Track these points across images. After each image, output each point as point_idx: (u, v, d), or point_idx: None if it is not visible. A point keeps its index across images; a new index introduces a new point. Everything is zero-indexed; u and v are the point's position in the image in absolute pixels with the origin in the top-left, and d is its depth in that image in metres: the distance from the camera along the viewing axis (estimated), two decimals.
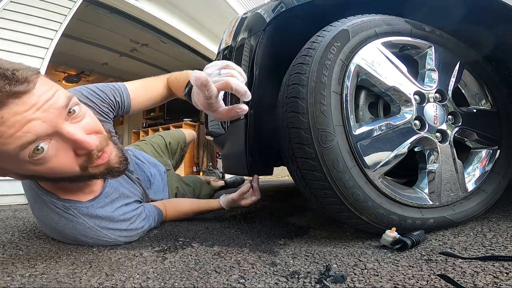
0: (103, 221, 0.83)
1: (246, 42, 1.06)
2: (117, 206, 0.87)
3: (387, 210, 0.76)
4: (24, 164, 0.59)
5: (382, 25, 0.86)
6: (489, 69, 0.99)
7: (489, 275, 0.54)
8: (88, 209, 0.81)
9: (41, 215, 0.81)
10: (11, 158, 0.57)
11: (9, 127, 0.52)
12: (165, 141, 1.65)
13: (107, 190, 0.87)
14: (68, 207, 0.79)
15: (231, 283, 0.58)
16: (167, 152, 1.64)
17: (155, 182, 1.24)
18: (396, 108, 0.85)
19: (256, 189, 1.10)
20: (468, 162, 0.96)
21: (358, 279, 0.56)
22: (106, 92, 0.94)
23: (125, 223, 0.86)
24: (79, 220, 0.80)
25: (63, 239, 0.88)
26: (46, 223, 0.83)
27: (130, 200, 0.93)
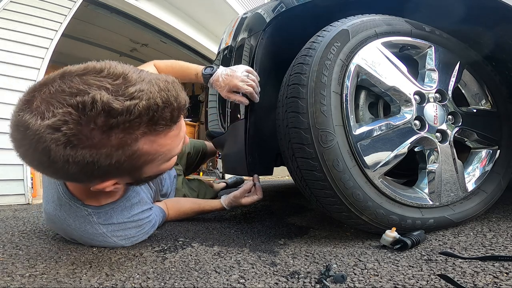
0: (116, 226, 0.81)
1: (246, 42, 1.06)
2: (134, 212, 0.85)
3: (387, 210, 0.76)
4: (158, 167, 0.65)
5: (382, 25, 0.86)
6: (489, 69, 0.99)
7: (489, 275, 0.54)
8: (106, 213, 0.79)
9: (54, 214, 0.80)
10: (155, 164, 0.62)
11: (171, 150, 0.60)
12: (185, 150, 1.60)
13: (130, 193, 0.85)
14: (90, 213, 0.78)
15: (231, 283, 0.58)
16: (184, 160, 1.60)
17: (165, 186, 1.24)
18: (396, 108, 0.85)
19: (259, 187, 1.10)
20: (468, 162, 0.96)
21: (358, 279, 0.56)
22: None
23: (135, 230, 0.85)
24: (94, 225, 0.79)
25: (66, 237, 0.88)
26: (55, 221, 0.81)
27: (147, 206, 0.90)
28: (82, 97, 0.44)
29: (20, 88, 2.21)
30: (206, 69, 0.99)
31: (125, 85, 0.47)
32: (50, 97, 0.45)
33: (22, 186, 2.16)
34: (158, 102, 0.49)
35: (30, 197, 2.16)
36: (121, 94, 0.46)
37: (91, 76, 0.47)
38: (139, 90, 0.47)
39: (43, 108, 0.45)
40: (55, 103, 0.45)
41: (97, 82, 0.46)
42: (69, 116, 0.45)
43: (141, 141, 0.52)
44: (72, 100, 0.44)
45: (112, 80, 0.47)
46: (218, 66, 1.00)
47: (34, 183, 2.43)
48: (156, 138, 0.55)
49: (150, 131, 0.52)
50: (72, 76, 0.47)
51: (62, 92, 0.45)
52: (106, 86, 0.46)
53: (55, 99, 0.45)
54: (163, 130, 0.54)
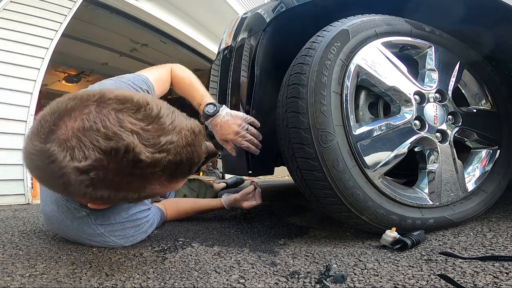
0: (115, 227, 0.81)
1: (246, 42, 1.06)
2: (132, 212, 0.85)
3: (387, 210, 0.76)
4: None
5: (382, 25, 0.86)
6: (489, 69, 0.99)
7: (489, 275, 0.54)
8: (104, 214, 0.79)
9: (53, 216, 0.80)
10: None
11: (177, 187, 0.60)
12: None
13: None
14: (88, 214, 0.78)
15: (231, 283, 0.58)
16: None
17: None
18: (396, 108, 0.85)
19: (258, 193, 1.13)
20: (468, 162, 0.96)
21: (358, 279, 0.56)
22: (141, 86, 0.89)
23: (133, 229, 0.85)
24: (92, 226, 0.79)
25: (65, 237, 0.88)
26: (53, 222, 0.82)
27: (145, 207, 0.90)
28: (117, 143, 0.44)
29: (20, 88, 2.21)
30: (209, 107, 0.95)
31: (157, 133, 0.47)
32: (83, 133, 0.43)
33: (22, 186, 2.16)
34: (183, 158, 0.50)
35: (30, 197, 2.16)
36: (152, 144, 0.46)
37: (128, 115, 0.46)
38: (169, 142, 0.47)
39: (73, 144, 0.43)
40: (88, 143, 0.43)
41: (131, 126, 0.45)
42: (100, 162, 0.44)
43: (156, 185, 0.54)
44: (105, 145, 0.43)
45: (147, 124, 0.47)
46: (221, 105, 0.96)
47: (34, 183, 2.43)
48: (170, 184, 0.57)
49: (167, 180, 0.54)
50: (109, 108, 0.46)
51: (96, 132, 0.43)
52: (140, 132, 0.45)
53: (88, 138, 0.43)
54: (178, 180, 0.58)
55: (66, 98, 0.49)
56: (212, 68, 1.32)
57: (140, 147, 0.45)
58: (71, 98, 0.48)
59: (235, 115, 0.95)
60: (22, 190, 2.16)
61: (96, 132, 0.43)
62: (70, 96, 0.49)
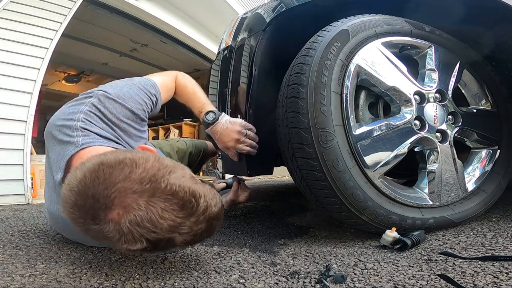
0: None
1: (246, 42, 1.06)
2: None
3: (387, 210, 0.76)
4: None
5: (382, 25, 0.86)
6: (489, 69, 0.99)
7: (489, 275, 0.54)
8: None
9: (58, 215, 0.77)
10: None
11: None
12: (187, 149, 1.60)
13: None
14: None
15: (231, 283, 0.58)
16: (185, 160, 1.59)
17: None
18: (396, 108, 0.85)
19: (243, 185, 1.18)
20: (468, 162, 0.96)
21: (358, 279, 0.56)
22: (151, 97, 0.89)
23: None
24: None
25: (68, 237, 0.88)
26: (58, 221, 0.80)
27: None
28: (160, 236, 0.51)
29: (20, 88, 2.21)
30: (209, 115, 0.96)
31: (193, 225, 0.54)
32: (134, 226, 0.49)
33: (22, 186, 2.16)
34: (203, 238, 0.60)
35: (30, 197, 2.16)
36: (186, 233, 0.53)
37: (172, 214, 0.51)
38: (199, 229, 0.55)
39: (125, 231, 0.50)
40: (137, 234, 0.50)
41: (174, 224, 0.51)
42: (146, 247, 0.52)
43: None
44: (152, 236, 0.50)
45: (187, 219, 0.53)
46: (221, 113, 0.97)
47: (34, 183, 2.43)
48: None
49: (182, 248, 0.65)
50: (158, 206, 0.51)
51: (145, 228, 0.50)
52: (180, 227, 0.52)
53: (138, 231, 0.50)
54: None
55: (117, 173, 0.51)
56: (212, 68, 1.32)
57: (177, 236, 0.53)
58: (123, 178, 0.51)
59: (234, 122, 0.96)
60: (22, 190, 2.16)
61: (145, 228, 0.50)
62: (123, 171, 0.52)
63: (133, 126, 0.81)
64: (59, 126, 0.73)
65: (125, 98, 0.79)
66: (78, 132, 0.71)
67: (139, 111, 0.82)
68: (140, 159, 0.54)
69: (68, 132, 0.71)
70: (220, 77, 1.21)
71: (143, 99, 0.84)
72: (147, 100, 0.85)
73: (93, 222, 0.50)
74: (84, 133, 0.71)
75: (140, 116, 0.83)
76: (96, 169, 0.51)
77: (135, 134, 0.82)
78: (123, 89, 0.81)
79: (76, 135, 0.70)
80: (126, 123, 0.79)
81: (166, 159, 0.58)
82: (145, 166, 0.53)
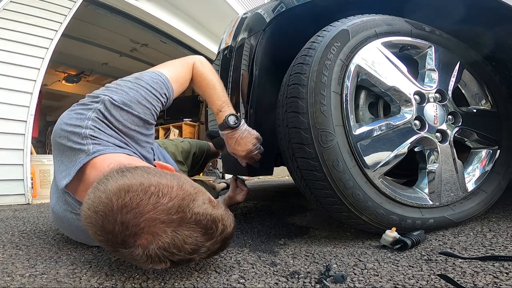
0: None
1: (246, 42, 1.06)
2: None
3: (387, 210, 0.76)
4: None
5: (382, 25, 0.86)
6: (489, 69, 0.99)
7: (489, 275, 0.54)
8: None
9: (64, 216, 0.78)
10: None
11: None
12: (191, 150, 1.59)
13: None
14: None
15: (231, 283, 0.58)
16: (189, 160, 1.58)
17: None
18: (396, 108, 0.85)
19: (241, 182, 1.18)
20: (468, 162, 0.96)
21: (358, 279, 0.56)
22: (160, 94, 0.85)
23: None
24: None
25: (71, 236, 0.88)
26: (63, 221, 0.80)
27: None
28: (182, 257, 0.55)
29: (20, 88, 2.21)
30: (230, 118, 0.92)
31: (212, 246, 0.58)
32: (161, 251, 0.53)
33: (22, 186, 2.16)
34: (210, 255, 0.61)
35: (30, 197, 2.16)
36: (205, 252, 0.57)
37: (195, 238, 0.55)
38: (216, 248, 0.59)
39: (152, 255, 0.53)
40: (163, 257, 0.54)
41: (196, 247, 0.56)
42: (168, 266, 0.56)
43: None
44: (175, 258, 0.54)
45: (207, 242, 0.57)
46: (241, 119, 0.94)
47: (34, 183, 2.43)
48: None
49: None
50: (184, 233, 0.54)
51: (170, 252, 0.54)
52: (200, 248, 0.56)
53: (163, 256, 0.53)
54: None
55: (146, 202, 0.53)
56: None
57: (196, 257, 0.57)
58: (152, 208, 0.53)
59: (251, 133, 0.95)
60: (22, 190, 2.16)
61: (171, 253, 0.54)
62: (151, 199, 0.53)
63: (141, 132, 0.80)
64: (67, 132, 0.72)
65: (132, 104, 0.77)
66: (88, 140, 0.70)
67: (147, 116, 0.80)
68: (165, 187, 0.55)
69: (77, 139, 0.71)
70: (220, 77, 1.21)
71: (151, 102, 0.81)
72: (155, 102, 0.82)
73: (123, 247, 0.53)
74: (94, 141, 0.71)
75: (149, 121, 0.81)
76: (122, 196, 0.53)
77: (142, 139, 0.81)
78: (130, 94, 0.78)
79: (86, 143, 0.70)
80: (133, 130, 0.78)
81: (187, 184, 0.59)
82: (170, 195, 0.55)
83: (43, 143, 6.22)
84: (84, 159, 0.69)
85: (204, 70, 0.96)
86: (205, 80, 0.95)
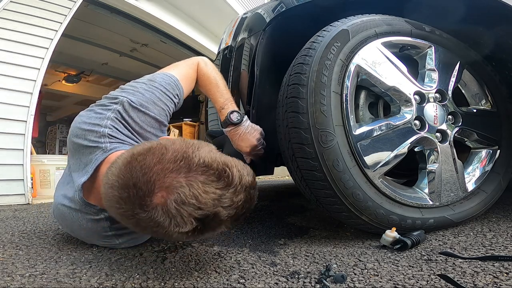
0: (126, 230, 0.81)
1: (246, 42, 1.06)
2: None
3: (387, 210, 0.76)
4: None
5: (382, 25, 0.86)
6: (489, 69, 0.99)
7: (489, 275, 0.54)
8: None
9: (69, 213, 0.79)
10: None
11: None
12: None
13: None
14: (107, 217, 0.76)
15: (231, 283, 0.58)
16: None
17: None
18: (396, 108, 0.85)
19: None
20: (468, 162, 0.96)
21: (358, 279, 0.56)
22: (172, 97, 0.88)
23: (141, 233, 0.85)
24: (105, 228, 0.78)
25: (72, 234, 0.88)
26: (67, 218, 0.80)
27: None
28: (206, 212, 0.53)
29: (20, 88, 2.21)
30: (233, 114, 0.93)
31: (232, 196, 0.56)
32: (180, 205, 0.51)
33: (22, 186, 2.16)
34: (246, 211, 0.61)
35: (30, 197, 2.16)
36: (229, 206, 0.55)
37: (211, 186, 0.54)
38: (239, 200, 0.57)
39: (174, 213, 0.51)
40: (185, 213, 0.52)
41: (215, 196, 0.54)
42: (196, 226, 0.54)
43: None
44: (199, 214, 0.53)
45: (226, 191, 0.55)
46: (244, 116, 0.95)
47: (34, 183, 2.43)
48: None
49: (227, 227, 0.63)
50: (197, 181, 0.53)
51: (191, 205, 0.52)
52: (221, 199, 0.54)
53: (185, 210, 0.52)
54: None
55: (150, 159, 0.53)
56: None
57: (221, 210, 0.54)
58: (157, 161, 0.53)
59: (255, 128, 0.95)
60: (22, 190, 2.16)
61: (191, 205, 0.52)
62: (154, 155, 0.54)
63: (155, 134, 0.82)
64: (85, 131, 0.74)
65: (149, 105, 0.80)
66: (106, 138, 0.73)
67: (162, 117, 0.83)
68: (167, 142, 0.57)
69: (94, 138, 0.73)
70: None
71: (166, 104, 0.84)
72: (169, 103, 0.85)
73: (141, 211, 0.52)
74: (112, 140, 0.73)
75: (163, 122, 0.84)
76: (129, 161, 0.54)
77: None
78: (146, 95, 0.81)
79: (103, 141, 0.72)
80: (148, 132, 0.80)
81: (190, 140, 0.60)
82: (173, 147, 0.55)
83: (43, 143, 6.22)
84: (101, 156, 0.71)
85: (208, 70, 0.98)
86: (208, 79, 0.97)
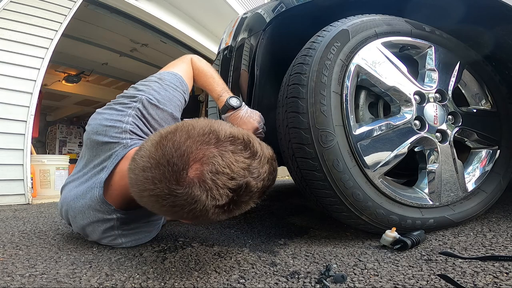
0: (131, 231, 0.82)
1: (246, 42, 1.06)
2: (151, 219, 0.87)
3: (387, 210, 0.76)
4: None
5: (382, 25, 0.86)
6: (489, 69, 0.99)
7: (489, 275, 0.54)
8: (128, 218, 0.80)
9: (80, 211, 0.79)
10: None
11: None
12: None
13: None
14: (118, 218, 0.78)
15: (231, 283, 0.58)
16: None
17: None
18: (396, 108, 0.85)
19: None
20: (468, 162, 0.96)
21: (358, 279, 0.56)
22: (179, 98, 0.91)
23: (144, 234, 0.86)
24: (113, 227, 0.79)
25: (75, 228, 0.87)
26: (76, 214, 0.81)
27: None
28: (238, 182, 0.55)
29: (20, 88, 2.21)
30: (232, 99, 0.94)
31: (258, 166, 0.59)
32: (215, 176, 0.53)
33: (22, 186, 2.16)
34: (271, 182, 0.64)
35: (30, 197, 2.16)
36: (257, 176, 0.58)
37: (240, 155, 0.57)
38: (265, 171, 0.60)
39: (210, 185, 0.53)
40: (220, 184, 0.54)
41: (244, 165, 0.56)
42: (231, 198, 0.56)
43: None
44: (232, 184, 0.55)
45: (252, 160, 0.58)
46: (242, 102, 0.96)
47: (34, 183, 2.43)
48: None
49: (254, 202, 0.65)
50: (228, 150, 0.56)
51: (225, 174, 0.54)
52: (250, 169, 0.57)
53: (219, 180, 0.53)
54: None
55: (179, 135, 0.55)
56: None
57: (251, 180, 0.57)
58: (187, 136, 0.55)
59: (254, 112, 0.97)
60: (22, 190, 2.16)
61: (225, 175, 0.54)
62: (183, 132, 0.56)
63: None
64: (106, 127, 0.76)
65: (166, 102, 0.83)
66: (127, 134, 0.75)
67: (177, 113, 0.86)
68: (191, 121, 0.59)
69: (115, 134, 0.75)
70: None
71: (179, 99, 0.88)
72: (181, 99, 0.89)
73: (179, 186, 0.52)
74: (132, 136, 0.76)
75: (178, 118, 0.87)
76: (158, 141, 0.55)
77: None
78: (161, 93, 0.84)
79: (125, 137, 0.75)
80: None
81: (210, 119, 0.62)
82: (199, 124, 0.58)
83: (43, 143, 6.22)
84: (122, 152, 0.73)
85: (201, 64, 1.02)
86: (203, 72, 1.01)
